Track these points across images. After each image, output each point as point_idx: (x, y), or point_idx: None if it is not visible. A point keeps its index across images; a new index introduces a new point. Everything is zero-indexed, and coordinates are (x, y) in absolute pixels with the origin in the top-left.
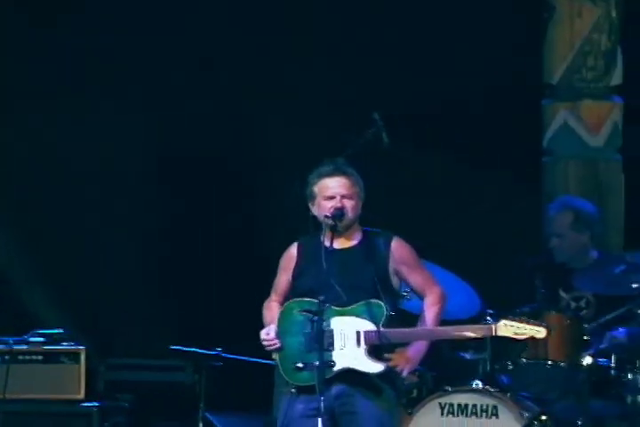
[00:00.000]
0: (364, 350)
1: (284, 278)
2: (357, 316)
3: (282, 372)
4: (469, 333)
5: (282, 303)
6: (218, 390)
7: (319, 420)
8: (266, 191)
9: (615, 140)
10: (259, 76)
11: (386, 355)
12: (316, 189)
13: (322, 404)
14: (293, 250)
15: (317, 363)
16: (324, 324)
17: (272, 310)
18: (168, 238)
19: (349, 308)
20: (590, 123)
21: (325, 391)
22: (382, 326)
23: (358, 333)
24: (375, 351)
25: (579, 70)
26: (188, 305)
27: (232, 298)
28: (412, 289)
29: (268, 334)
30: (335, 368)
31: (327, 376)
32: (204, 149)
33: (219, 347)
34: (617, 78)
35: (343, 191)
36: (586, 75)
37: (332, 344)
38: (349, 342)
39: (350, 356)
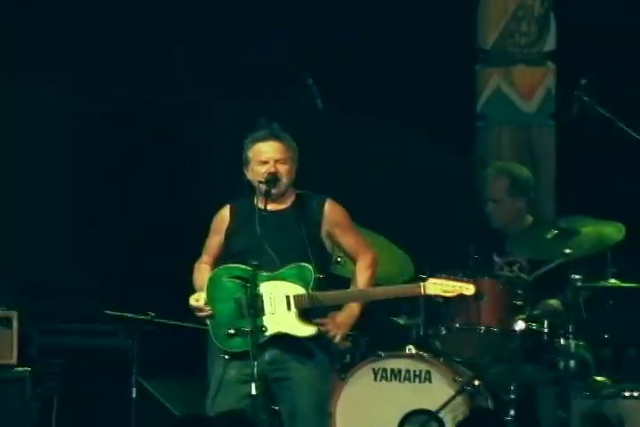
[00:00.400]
0: (294, 314)
1: (215, 240)
2: (286, 280)
3: (213, 339)
4: (399, 291)
5: (213, 265)
6: (151, 355)
7: (252, 385)
8: (197, 155)
9: (548, 105)
10: (190, 40)
11: (317, 320)
12: (250, 153)
13: (255, 369)
14: (226, 212)
15: (249, 329)
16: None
17: (202, 272)
18: (97, 201)
19: (278, 272)
20: (523, 88)
21: (258, 357)
22: (311, 289)
23: (288, 297)
24: (306, 315)
25: (512, 36)
26: (120, 269)
27: (165, 262)
28: (344, 252)
29: (198, 300)
30: (267, 333)
31: (259, 342)
32: (134, 109)
33: (152, 312)
34: (550, 44)
35: (277, 156)
36: (519, 40)
37: (262, 309)
38: (280, 306)
39: (281, 320)
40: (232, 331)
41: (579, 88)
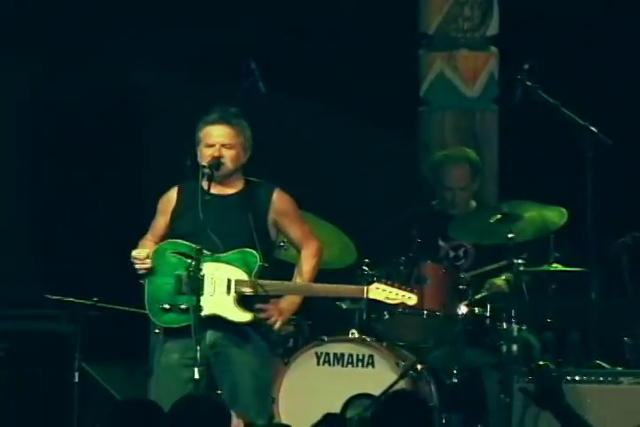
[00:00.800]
0: (232, 299)
1: (161, 221)
2: (230, 263)
3: (148, 311)
4: (342, 291)
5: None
6: (94, 339)
7: (195, 370)
8: (142, 139)
9: (491, 90)
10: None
11: (258, 305)
12: (200, 135)
13: (198, 354)
14: (173, 193)
15: (183, 307)
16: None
17: (145, 244)
18: (40, 185)
19: (223, 255)
20: (466, 73)
21: (200, 340)
22: (254, 276)
23: (229, 280)
24: (244, 301)
25: (455, 20)
26: (63, 253)
27: (108, 246)
28: (289, 241)
29: (140, 253)
30: (202, 313)
31: (192, 320)
32: (85, 95)
33: (95, 296)
34: (493, 28)
35: (224, 140)
36: (462, 25)
37: (201, 289)
38: (219, 288)
39: (218, 303)
40: (167, 306)
41: (521, 73)
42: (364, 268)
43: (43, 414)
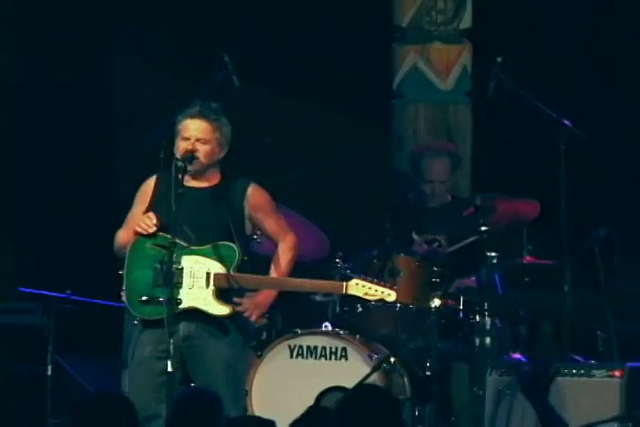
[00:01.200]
0: (211, 292)
1: (138, 211)
2: (210, 257)
3: (127, 303)
4: (320, 288)
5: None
6: (67, 332)
7: (169, 362)
8: (114, 132)
9: (464, 83)
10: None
11: (235, 299)
12: (179, 127)
13: (171, 346)
14: (150, 183)
15: (162, 299)
16: (174, 261)
17: (126, 232)
18: (10, 175)
19: (202, 248)
20: (439, 66)
21: (174, 332)
22: (233, 269)
23: (208, 274)
24: (223, 294)
25: (428, 13)
26: (37, 246)
27: (82, 239)
28: (265, 235)
29: (152, 218)
30: (181, 306)
31: (172, 312)
32: (55, 87)
33: (68, 289)
34: (466, 21)
35: (199, 135)
36: (435, 18)
37: (180, 282)
38: (198, 282)
39: (197, 296)
40: (145, 298)
41: (495, 66)
42: (338, 261)
43: (15, 406)
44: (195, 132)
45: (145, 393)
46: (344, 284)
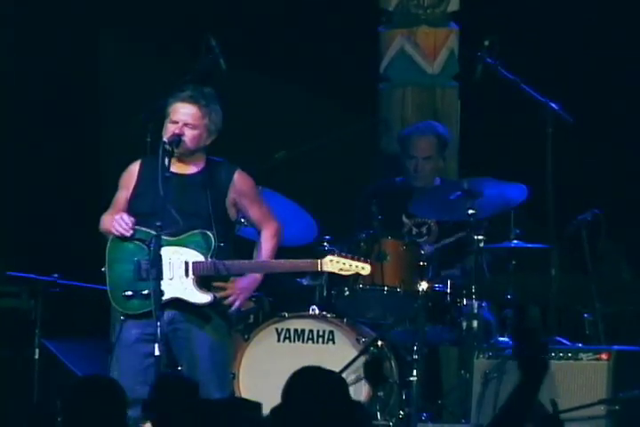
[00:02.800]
0: (192, 281)
1: (123, 195)
2: (187, 246)
3: (111, 299)
4: (296, 268)
5: None
6: (55, 316)
7: (156, 346)
8: (100, 117)
9: (451, 67)
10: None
11: (218, 284)
12: (169, 110)
13: (159, 329)
14: (135, 168)
15: (146, 291)
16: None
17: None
18: (3, 157)
19: (179, 238)
20: (427, 49)
21: (160, 316)
22: (211, 257)
23: (187, 263)
24: (203, 282)
25: None
26: (23, 229)
27: (69, 222)
28: (249, 222)
29: (128, 220)
30: (163, 298)
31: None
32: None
33: (55, 273)
34: (454, 5)
35: (188, 120)
36: (422, 1)
37: (160, 274)
38: (178, 272)
39: (178, 286)
40: (129, 293)
41: (482, 49)
42: (325, 244)
43: (3, 390)
44: (183, 117)
45: (131, 376)
46: (319, 261)
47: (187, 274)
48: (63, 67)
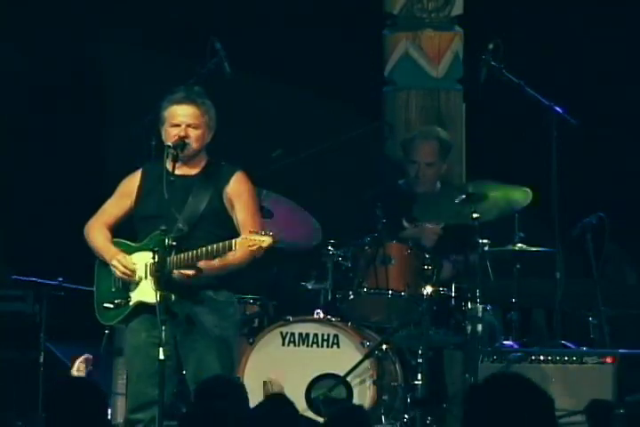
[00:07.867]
0: (150, 282)
1: (117, 204)
2: (144, 249)
3: (97, 315)
4: (219, 249)
5: (109, 228)
6: (59, 319)
7: (160, 350)
8: (105, 119)
9: (456, 70)
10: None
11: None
12: (165, 114)
13: (163, 334)
14: (138, 175)
15: (117, 301)
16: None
17: (102, 232)
18: (4, 164)
19: (142, 243)
20: (431, 53)
21: (166, 321)
22: (166, 255)
23: (146, 265)
24: (165, 282)
25: (420, 0)
26: (28, 233)
27: (73, 226)
28: (235, 224)
29: (131, 265)
30: (130, 303)
31: (125, 312)
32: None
33: (60, 277)
34: (458, 8)
35: (189, 120)
36: (427, 5)
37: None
38: (142, 275)
39: (142, 289)
40: (109, 305)
41: (486, 53)
42: (330, 248)
43: (8, 394)
44: (184, 118)
45: (143, 379)
46: (234, 242)
47: (146, 276)
48: (66, 69)
